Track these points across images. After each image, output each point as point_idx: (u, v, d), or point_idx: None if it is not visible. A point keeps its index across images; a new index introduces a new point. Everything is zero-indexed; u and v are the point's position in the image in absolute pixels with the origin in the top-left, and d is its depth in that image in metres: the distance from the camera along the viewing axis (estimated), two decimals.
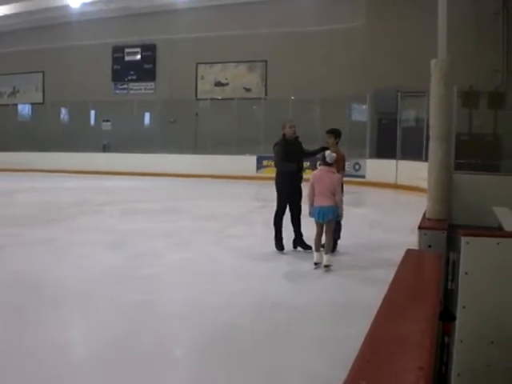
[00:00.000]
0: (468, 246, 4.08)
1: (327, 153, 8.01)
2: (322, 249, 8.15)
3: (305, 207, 8.43)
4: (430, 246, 5.15)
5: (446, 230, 5.48)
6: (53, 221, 12.10)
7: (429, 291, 3.00)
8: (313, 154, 9.16)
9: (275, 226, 9.03)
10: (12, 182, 21.24)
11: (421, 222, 5.80)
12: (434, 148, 6.35)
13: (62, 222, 12.07)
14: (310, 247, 8.86)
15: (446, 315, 3.95)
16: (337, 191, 7.91)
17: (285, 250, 8.98)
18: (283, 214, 9.03)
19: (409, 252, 4.12)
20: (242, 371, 4.60)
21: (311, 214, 8.07)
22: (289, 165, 8.88)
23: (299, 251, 9.02)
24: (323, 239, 8.11)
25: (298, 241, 9.13)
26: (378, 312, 2.52)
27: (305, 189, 8.66)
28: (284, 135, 9.10)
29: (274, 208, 9.12)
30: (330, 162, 7.97)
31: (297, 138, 9.12)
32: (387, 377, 1.81)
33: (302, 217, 9.05)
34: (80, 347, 5.32)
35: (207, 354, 4.97)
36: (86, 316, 6.05)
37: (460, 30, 12.84)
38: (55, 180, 22.51)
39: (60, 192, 18.58)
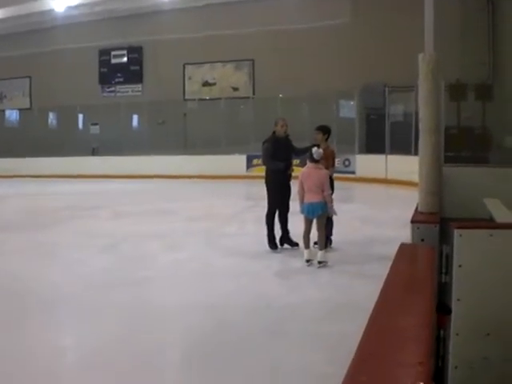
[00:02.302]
0: (461, 239, 4.08)
1: (314, 149, 8.00)
2: (315, 245, 8.15)
3: (295, 204, 8.42)
4: (422, 240, 5.15)
5: (439, 223, 5.48)
6: (43, 226, 12.03)
7: (424, 285, 3.00)
8: (303, 151, 9.12)
9: (267, 225, 9.00)
10: (1, 189, 21.07)
11: (413, 216, 5.80)
12: (424, 141, 6.35)
13: (53, 226, 12.00)
14: (296, 244, 8.87)
15: (442, 308, 3.95)
16: (325, 187, 7.90)
17: (278, 249, 8.96)
18: (275, 212, 9.01)
19: (402, 246, 4.12)
20: (238, 370, 4.58)
21: (302, 211, 8.07)
22: (276, 163, 8.85)
23: (288, 248, 9.00)
24: (314, 237, 8.12)
25: (285, 238, 9.11)
26: (375, 307, 2.50)
27: (294, 187, 8.65)
28: (274, 132, 9.08)
29: (266, 207, 9.10)
30: (317, 158, 7.97)
31: (287, 136, 9.09)
32: (387, 372, 1.79)
33: (291, 214, 9.03)
34: (76, 351, 5.31)
35: (202, 353, 4.95)
36: (80, 320, 6.02)
37: (446, 24, 12.88)
38: (44, 185, 22.37)
39: (49, 197, 18.47)
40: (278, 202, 8.96)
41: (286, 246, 9.06)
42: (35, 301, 6.55)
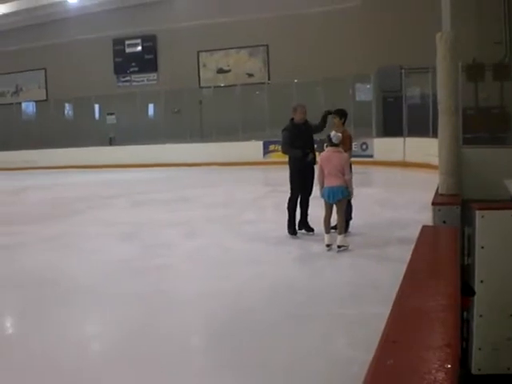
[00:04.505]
0: (483, 220, 4.05)
1: (333, 133, 7.99)
2: (332, 230, 8.12)
3: (316, 189, 8.39)
4: (444, 222, 5.10)
5: (460, 204, 5.43)
6: (62, 216, 12.09)
7: (448, 266, 2.97)
8: (321, 126, 9.11)
9: (289, 210, 8.93)
10: (20, 181, 21.26)
11: (434, 198, 5.75)
12: (443, 122, 6.30)
13: (72, 217, 12.06)
14: (312, 229, 8.86)
15: (465, 290, 3.92)
16: (346, 171, 7.88)
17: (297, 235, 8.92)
18: (297, 197, 8.94)
19: (425, 228, 4.08)
20: (261, 354, 4.59)
21: (322, 195, 8.05)
22: (293, 150, 8.80)
23: (306, 234, 8.96)
24: (333, 221, 8.09)
25: (303, 223, 9.06)
26: (399, 290, 2.49)
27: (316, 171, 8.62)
28: (292, 119, 9.02)
29: (284, 192, 9.07)
30: (336, 142, 7.95)
31: (306, 121, 9.02)
32: (414, 355, 1.77)
33: (312, 198, 8.99)
34: (97, 340, 5.34)
35: (225, 338, 4.96)
36: (102, 309, 6.05)
37: (461, 3, 12.74)
38: (62, 176, 22.52)
39: (68, 188, 18.60)
40: (300, 187, 8.90)
41: (303, 230, 9.02)
42: (55, 291, 6.59)
